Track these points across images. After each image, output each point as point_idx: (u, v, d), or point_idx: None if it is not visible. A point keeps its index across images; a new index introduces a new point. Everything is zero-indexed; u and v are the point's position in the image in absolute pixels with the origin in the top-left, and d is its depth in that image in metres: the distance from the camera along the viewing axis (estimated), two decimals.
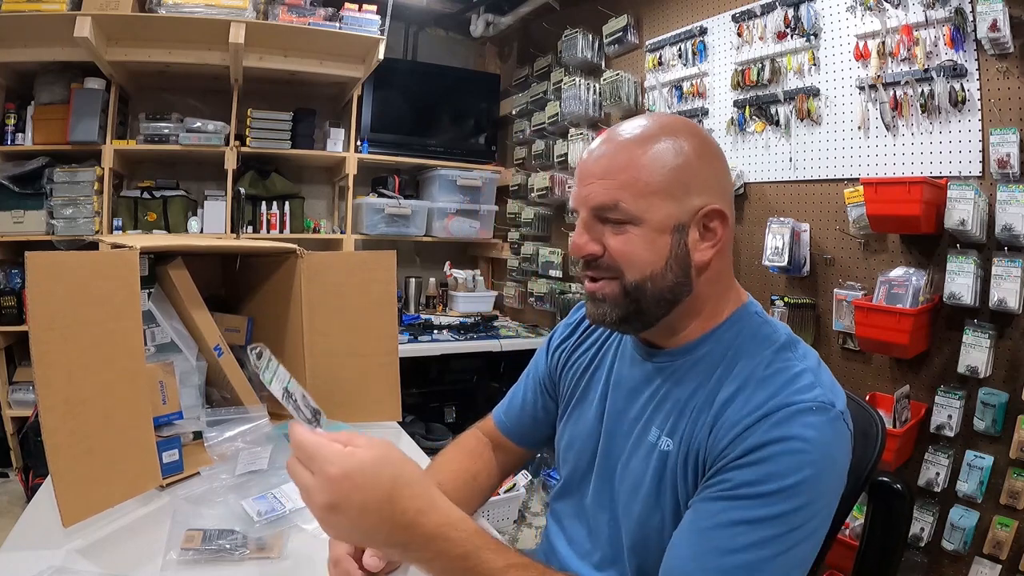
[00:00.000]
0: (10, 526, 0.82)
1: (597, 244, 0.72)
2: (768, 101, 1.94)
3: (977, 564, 1.43)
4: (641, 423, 0.76)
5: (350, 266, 1.33)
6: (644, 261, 0.70)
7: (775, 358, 0.69)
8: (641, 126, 0.73)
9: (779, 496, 0.59)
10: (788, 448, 0.60)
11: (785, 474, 0.59)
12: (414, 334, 2.72)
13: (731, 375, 0.70)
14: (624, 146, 0.71)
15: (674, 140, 0.71)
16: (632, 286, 0.71)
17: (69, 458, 0.79)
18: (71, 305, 0.82)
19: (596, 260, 0.72)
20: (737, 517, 0.60)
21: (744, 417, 0.64)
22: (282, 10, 2.55)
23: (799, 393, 0.64)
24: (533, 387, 0.97)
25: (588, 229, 0.72)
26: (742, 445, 0.63)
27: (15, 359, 2.65)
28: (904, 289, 1.51)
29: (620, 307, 0.72)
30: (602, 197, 0.70)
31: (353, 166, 2.94)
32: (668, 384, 0.75)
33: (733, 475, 0.62)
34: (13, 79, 2.61)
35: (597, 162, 0.72)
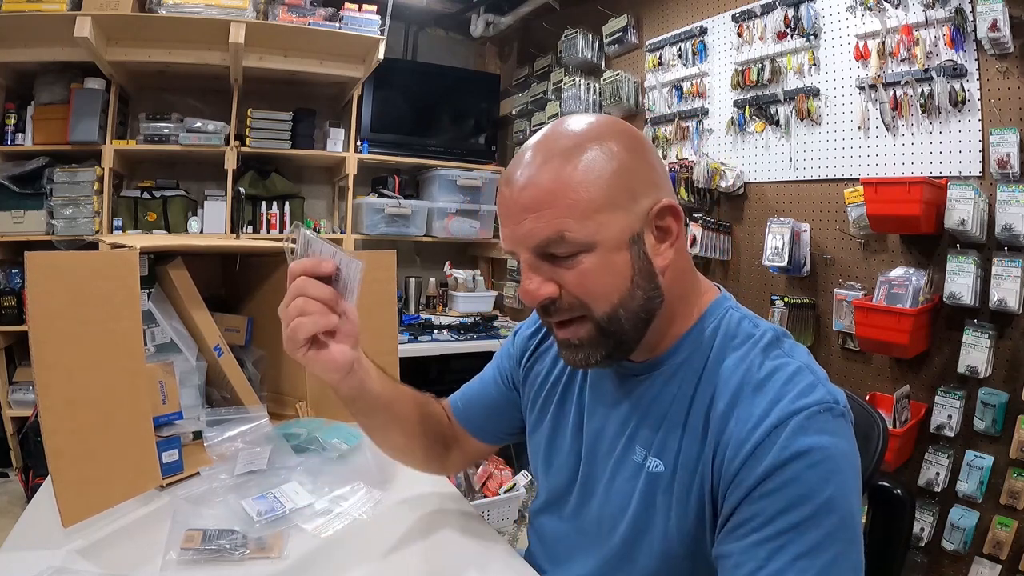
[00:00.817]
0: (10, 526, 0.82)
1: (552, 285, 0.64)
2: (768, 101, 1.94)
3: (977, 564, 1.43)
4: (623, 441, 0.71)
5: None
6: (609, 289, 0.63)
7: (765, 358, 0.65)
8: (559, 138, 0.64)
9: (821, 514, 0.56)
10: (811, 462, 0.57)
11: (817, 490, 0.56)
12: (414, 334, 2.71)
13: (721, 381, 0.65)
14: (548, 167, 0.62)
15: (600, 144, 0.63)
16: (606, 319, 0.64)
17: (69, 458, 0.79)
18: (71, 305, 0.82)
19: (554, 303, 0.64)
20: (793, 553, 0.55)
21: (751, 431, 0.60)
22: (282, 10, 2.55)
23: (803, 396, 0.60)
24: (494, 388, 0.92)
25: (535, 271, 0.64)
26: (760, 467, 0.58)
27: (15, 359, 2.65)
28: (904, 289, 1.51)
29: (600, 347, 0.65)
30: (543, 232, 0.61)
31: (353, 166, 2.94)
32: (647, 398, 0.70)
33: (762, 506, 0.58)
34: (13, 79, 2.61)
35: (523, 192, 0.62)
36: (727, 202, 2.12)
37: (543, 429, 0.84)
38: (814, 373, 0.64)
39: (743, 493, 0.59)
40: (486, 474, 2.55)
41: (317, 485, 0.96)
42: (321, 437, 1.10)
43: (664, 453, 0.67)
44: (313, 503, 0.92)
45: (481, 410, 0.92)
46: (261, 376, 1.31)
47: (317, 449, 1.09)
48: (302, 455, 1.06)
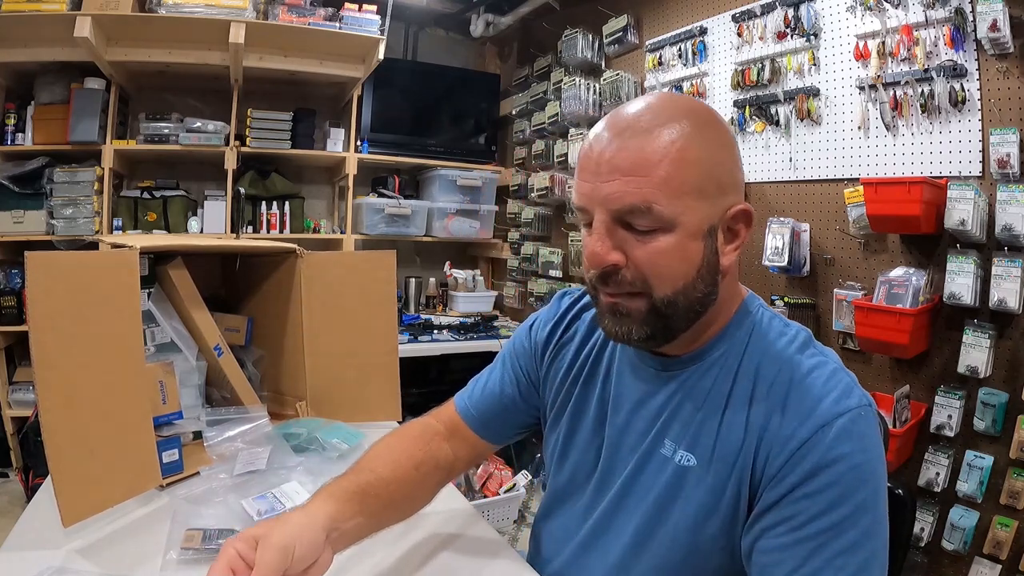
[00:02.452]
0: (10, 526, 0.82)
1: (619, 253, 0.62)
2: (768, 101, 1.94)
3: (977, 564, 1.43)
4: (651, 437, 0.71)
5: (350, 266, 1.33)
6: (676, 273, 0.62)
7: (803, 358, 0.65)
8: (669, 110, 0.62)
9: (859, 514, 0.57)
10: (852, 464, 0.58)
11: (856, 491, 0.58)
12: (414, 334, 2.71)
13: (760, 377, 0.65)
14: (649, 136, 0.60)
15: (700, 127, 0.62)
16: (663, 302, 0.62)
17: (69, 458, 0.79)
18: (71, 305, 0.82)
19: (617, 273, 0.63)
20: (832, 552, 0.57)
21: (797, 428, 0.60)
22: (282, 10, 2.55)
23: (845, 397, 0.61)
24: (509, 379, 0.88)
25: (609, 234, 0.62)
26: (804, 465, 0.59)
27: (15, 359, 2.65)
28: (904, 289, 1.51)
29: (647, 325, 0.64)
30: (631, 198, 0.59)
31: (353, 166, 2.94)
32: (680, 394, 0.69)
33: (804, 506, 0.58)
34: (13, 79, 2.61)
35: (620, 154, 0.60)
36: None
37: (561, 425, 0.82)
38: (848, 374, 0.64)
39: (785, 490, 0.60)
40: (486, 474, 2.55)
41: (317, 485, 0.95)
42: (321, 437, 1.10)
43: (697, 447, 0.66)
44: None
45: (494, 413, 0.88)
46: (261, 376, 1.31)
47: (317, 449, 1.09)
48: (302, 455, 1.06)
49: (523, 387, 0.87)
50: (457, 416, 0.89)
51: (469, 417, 0.88)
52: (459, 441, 0.88)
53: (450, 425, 0.88)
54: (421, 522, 0.91)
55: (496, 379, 0.89)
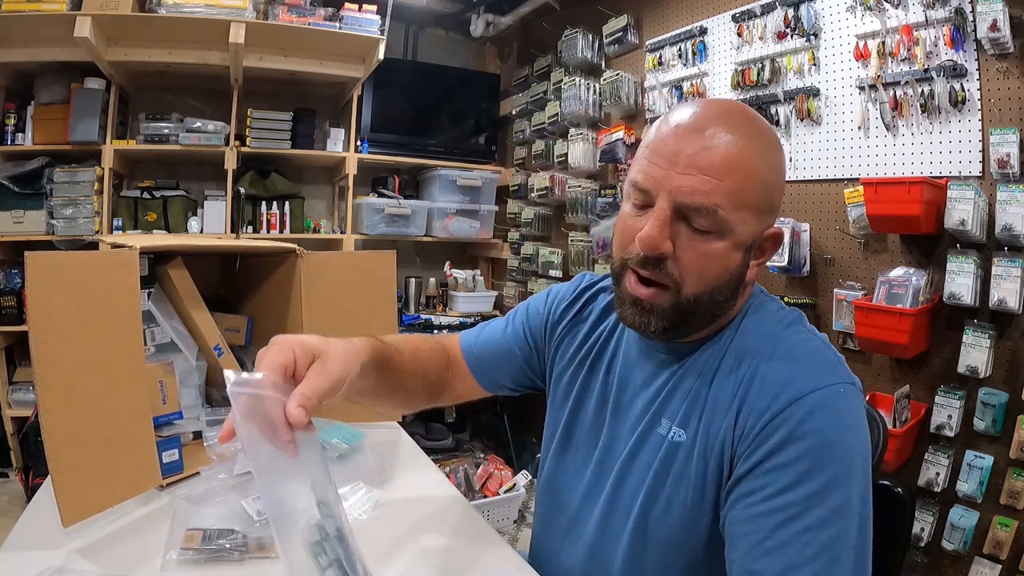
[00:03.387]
0: (10, 526, 0.82)
1: (670, 244, 0.64)
2: (768, 101, 1.94)
3: (977, 564, 1.43)
4: (648, 416, 0.73)
5: (350, 266, 1.33)
6: (711, 276, 0.65)
7: (788, 332, 0.68)
8: (745, 125, 0.65)
9: (828, 491, 0.57)
10: (824, 440, 0.58)
11: (824, 467, 0.58)
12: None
13: (747, 353, 0.67)
14: (734, 145, 0.62)
15: (773, 153, 0.66)
16: (689, 300, 0.65)
17: (69, 458, 0.79)
18: (71, 305, 0.82)
19: (662, 262, 0.64)
20: (799, 526, 0.57)
21: (772, 399, 0.61)
22: (282, 10, 2.55)
23: (825, 372, 0.62)
24: (515, 337, 0.91)
25: (668, 224, 0.64)
26: (775, 436, 0.60)
27: (15, 359, 2.65)
28: (904, 289, 1.51)
29: (667, 319, 0.66)
30: (702, 197, 0.62)
31: (353, 166, 2.94)
32: (678, 375, 0.72)
33: (773, 478, 0.59)
34: (13, 79, 2.61)
35: (702, 153, 0.62)
36: None
37: (566, 405, 0.84)
38: (834, 353, 0.66)
39: (756, 461, 0.61)
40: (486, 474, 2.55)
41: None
42: (321, 437, 1.10)
43: (688, 423, 0.69)
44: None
45: (490, 359, 0.92)
46: None
47: None
48: None
49: (524, 347, 0.91)
50: (459, 351, 0.94)
51: (469, 355, 0.93)
52: (455, 372, 0.93)
53: (452, 355, 0.94)
54: (421, 522, 0.91)
55: (500, 330, 0.93)
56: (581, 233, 2.74)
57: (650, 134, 0.68)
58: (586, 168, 2.68)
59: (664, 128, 0.66)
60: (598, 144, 2.60)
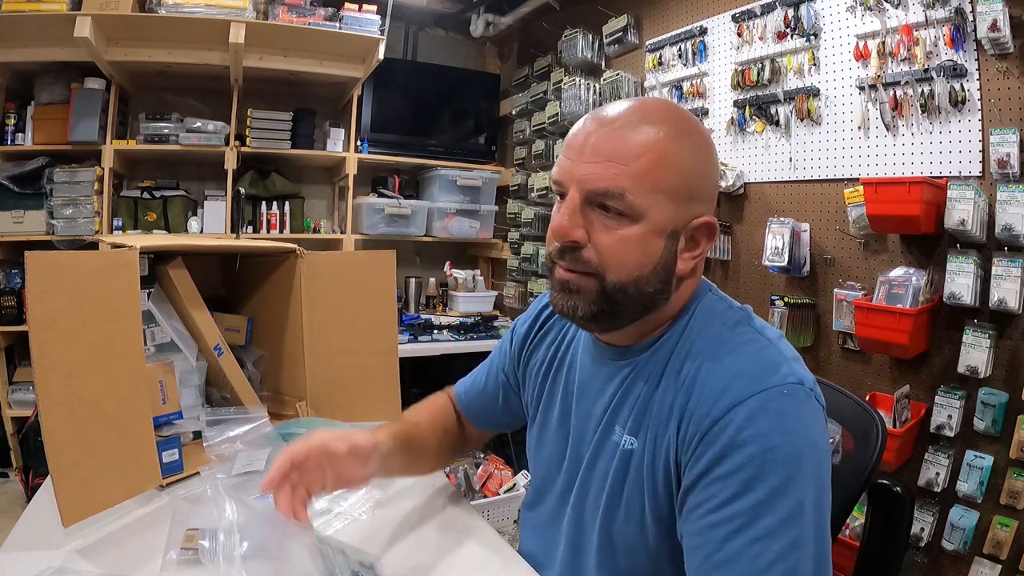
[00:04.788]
0: (10, 526, 0.82)
1: (583, 232, 0.64)
2: (768, 101, 1.94)
3: (977, 564, 1.43)
4: (603, 423, 0.73)
5: (350, 266, 1.33)
6: (632, 262, 0.64)
7: (732, 334, 0.66)
8: (659, 112, 0.65)
9: (776, 499, 0.56)
10: (767, 445, 0.57)
11: (772, 474, 0.56)
12: (414, 334, 2.71)
13: (689, 358, 0.66)
14: (642, 131, 0.63)
15: (689, 138, 0.65)
16: (613, 287, 0.65)
17: (69, 458, 0.79)
18: (71, 305, 0.82)
19: (577, 250, 0.65)
20: (749, 537, 0.56)
21: (711, 406, 0.60)
22: (282, 10, 2.55)
23: (766, 375, 0.60)
24: (495, 378, 0.96)
25: (577, 212, 0.64)
26: (716, 445, 0.59)
27: (15, 359, 2.65)
28: (904, 289, 1.51)
29: (594, 305, 0.66)
30: (607, 182, 0.62)
31: (353, 166, 2.94)
32: (628, 381, 0.72)
33: (718, 488, 0.58)
34: (13, 79, 2.61)
35: (607, 139, 0.63)
36: (727, 202, 2.12)
37: (536, 418, 0.87)
38: (781, 352, 0.64)
39: (700, 472, 0.60)
40: (486, 474, 2.55)
41: None
42: None
43: (639, 431, 0.69)
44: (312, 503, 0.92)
45: (479, 400, 0.98)
46: (261, 376, 1.31)
47: None
48: None
49: (505, 387, 0.95)
50: (456, 403, 1.02)
51: (465, 406, 1.00)
52: (462, 422, 1.01)
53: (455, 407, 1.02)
54: (421, 521, 0.91)
55: (483, 376, 0.98)
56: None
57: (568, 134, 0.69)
58: None
59: (576, 125, 0.68)
60: None
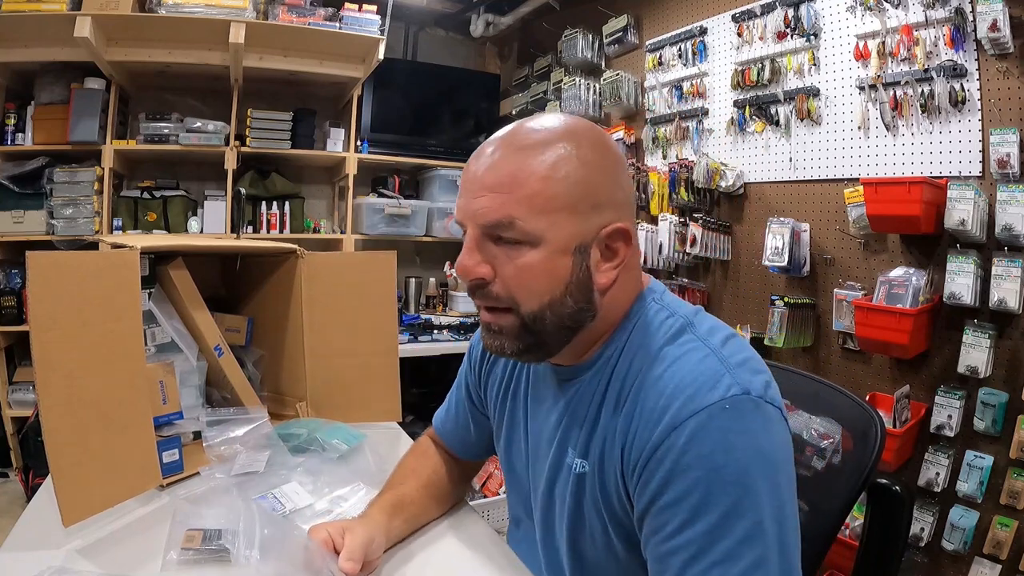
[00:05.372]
0: (10, 526, 0.82)
1: (487, 267, 0.63)
2: (768, 101, 1.94)
3: (977, 564, 1.43)
4: (555, 445, 0.71)
5: (350, 266, 1.33)
6: (542, 288, 0.62)
7: (671, 347, 0.62)
8: (538, 130, 0.64)
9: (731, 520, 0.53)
10: (709, 467, 0.54)
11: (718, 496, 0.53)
12: (414, 334, 2.71)
13: (629, 376, 0.64)
14: (521, 154, 0.62)
15: (577, 147, 0.62)
16: (530, 317, 0.63)
17: (69, 458, 0.79)
18: (71, 305, 0.82)
19: (486, 287, 0.64)
20: (708, 562, 0.53)
21: (651, 431, 0.58)
22: (282, 10, 2.55)
23: (704, 392, 0.57)
24: (463, 406, 0.94)
25: (478, 248, 0.63)
26: (659, 472, 0.57)
27: (15, 359, 2.65)
28: (904, 289, 1.51)
29: (519, 339, 0.65)
30: (495, 213, 0.61)
31: (353, 166, 2.94)
32: (574, 401, 0.69)
33: (668, 516, 0.56)
34: (13, 79, 2.61)
35: (488, 171, 0.63)
36: (727, 202, 2.12)
37: (501, 438, 0.86)
38: (723, 361, 0.60)
39: (648, 500, 0.58)
40: (486, 474, 2.55)
41: (317, 485, 0.96)
42: (321, 437, 1.10)
43: (588, 453, 0.67)
44: (313, 503, 0.92)
45: (455, 432, 0.96)
46: (261, 376, 1.31)
47: (317, 449, 1.09)
48: (302, 455, 1.06)
49: (472, 412, 0.93)
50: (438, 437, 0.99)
51: (446, 439, 0.97)
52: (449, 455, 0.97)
53: (438, 441, 0.99)
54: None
55: (453, 405, 0.97)
56: None
57: None
58: None
59: (469, 159, 0.68)
60: None
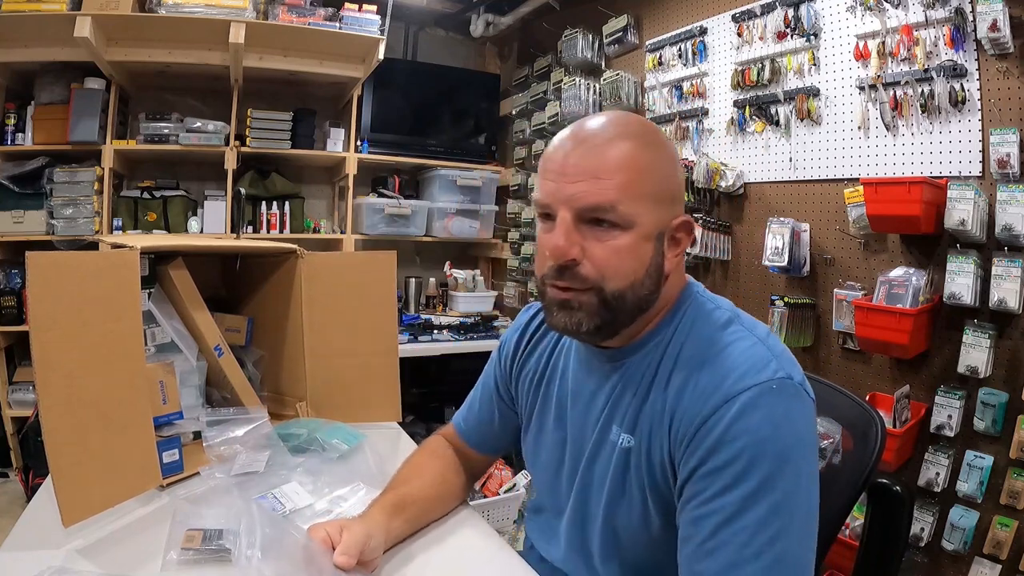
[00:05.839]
0: (10, 526, 0.82)
1: (578, 248, 0.67)
2: (768, 101, 1.94)
3: (977, 564, 1.43)
4: (600, 424, 0.75)
5: (350, 266, 1.33)
6: (628, 269, 0.67)
7: (721, 335, 0.69)
8: (629, 125, 0.69)
9: (764, 491, 0.59)
10: (755, 439, 0.60)
11: (758, 466, 0.59)
12: (414, 334, 2.71)
13: (681, 357, 0.70)
14: (619, 145, 0.67)
15: (663, 146, 0.70)
16: (613, 296, 0.67)
17: (69, 458, 0.79)
18: (71, 305, 0.82)
19: (575, 267, 0.67)
20: (737, 527, 0.59)
21: (701, 405, 0.63)
22: (282, 10, 2.55)
23: (755, 371, 0.63)
24: (488, 398, 0.97)
25: (572, 231, 0.67)
26: (707, 442, 0.62)
27: (15, 359, 2.65)
28: (904, 289, 1.51)
29: (597, 317, 0.68)
30: (596, 197, 0.65)
31: (353, 166, 2.94)
32: (623, 382, 0.74)
33: (708, 483, 0.61)
34: (13, 79, 2.61)
35: (587, 158, 0.67)
36: (727, 202, 2.12)
37: (531, 426, 0.88)
38: (770, 348, 0.66)
39: (693, 467, 0.63)
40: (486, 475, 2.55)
41: (317, 486, 0.96)
42: (321, 437, 1.10)
43: (635, 429, 0.72)
44: (313, 503, 0.92)
45: (478, 426, 0.98)
46: (261, 376, 1.31)
47: (317, 449, 1.09)
48: (302, 455, 1.06)
49: (500, 405, 0.96)
50: (457, 435, 1.00)
51: (467, 437, 0.99)
52: (465, 455, 0.99)
53: (455, 442, 1.00)
54: None
55: (476, 401, 0.99)
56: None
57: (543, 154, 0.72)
58: None
59: (551, 147, 0.71)
60: None
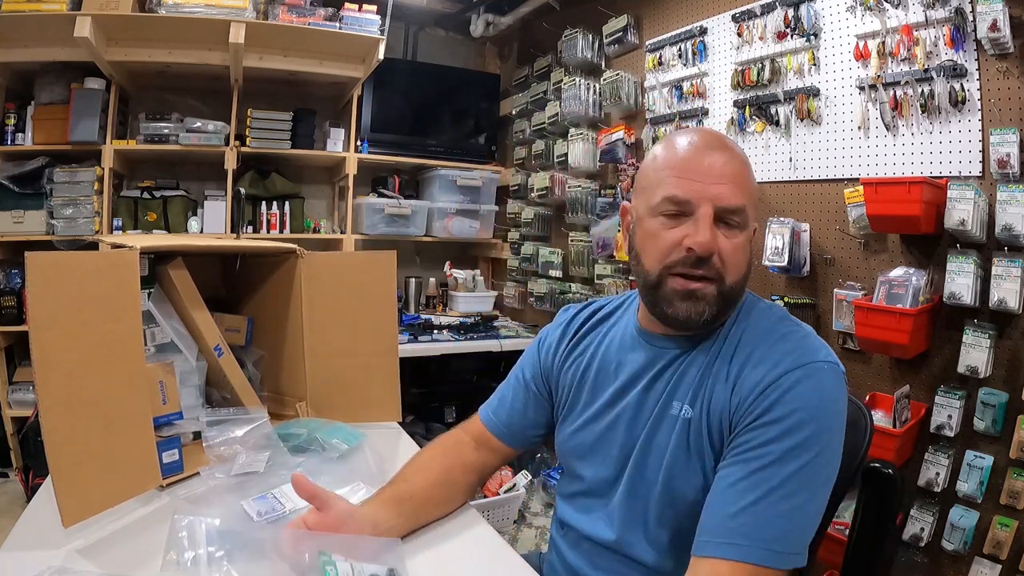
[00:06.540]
0: (10, 526, 0.82)
1: (715, 243, 0.76)
2: (768, 101, 1.94)
3: (977, 564, 1.43)
4: (661, 401, 0.82)
5: (350, 266, 1.33)
6: (743, 265, 0.79)
7: (779, 326, 0.80)
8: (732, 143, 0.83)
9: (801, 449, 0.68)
10: (805, 404, 0.70)
11: (803, 427, 0.69)
12: (414, 334, 2.71)
13: (743, 339, 0.79)
14: (738, 157, 0.80)
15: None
16: (729, 289, 0.78)
17: (69, 458, 0.79)
18: (71, 305, 0.82)
19: (710, 259, 0.77)
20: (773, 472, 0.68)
21: (766, 373, 0.73)
22: (282, 10, 2.55)
23: (812, 353, 0.74)
24: (523, 391, 1.00)
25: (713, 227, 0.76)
26: (765, 402, 0.71)
27: (15, 359, 2.65)
28: (904, 289, 1.51)
29: (715, 306, 0.78)
30: (735, 199, 0.76)
31: (353, 166, 2.94)
32: (685, 360, 0.82)
33: (758, 433, 0.71)
34: (13, 79, 2.61)
35: (727, 164, 0.78)
36: None
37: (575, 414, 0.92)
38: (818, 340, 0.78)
39: (750, 420, 0.72)
40: None
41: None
42: (321, 437, 1.10)
43: (696, 401, 0.79)
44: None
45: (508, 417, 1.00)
46: (261, 376, 1.31)
47: (317, 449, 1.09)
48: (302, 455, 1.06)
49: (535, 397, 0.99)
50: (483, 427, 1.02)
51: (495, 428, 1.01)
52: (486, 449, 1.01)
53: (478, 436, 1.01)
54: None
55: (509, 392, 1.02)
56: (581, 233, 2.74)
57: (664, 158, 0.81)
58: (586, 168, 2.68)
59: (684, 151, 0.80)
60: (598, 144, 2.60)
